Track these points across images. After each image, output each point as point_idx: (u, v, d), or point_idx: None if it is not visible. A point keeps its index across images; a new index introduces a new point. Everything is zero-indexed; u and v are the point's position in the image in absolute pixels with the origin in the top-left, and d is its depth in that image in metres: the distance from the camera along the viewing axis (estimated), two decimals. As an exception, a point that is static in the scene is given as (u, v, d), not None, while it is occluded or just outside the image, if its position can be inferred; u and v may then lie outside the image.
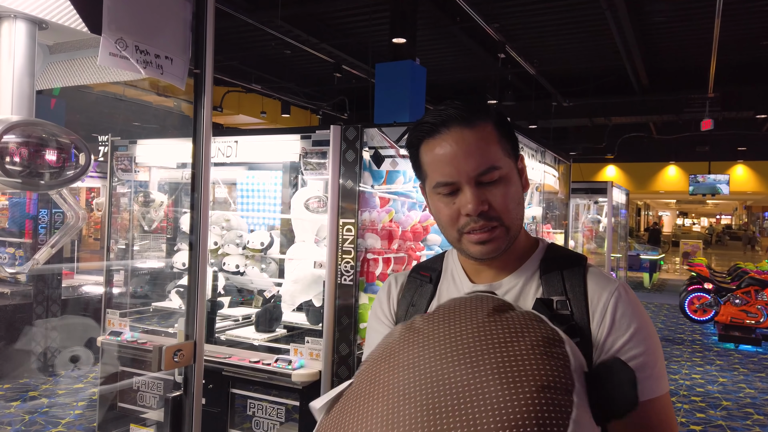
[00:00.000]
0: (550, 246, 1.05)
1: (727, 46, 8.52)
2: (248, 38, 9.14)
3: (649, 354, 0.89)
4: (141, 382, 3.67)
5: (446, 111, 0.94)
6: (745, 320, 7.54)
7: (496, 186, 0.93)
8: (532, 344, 0.71)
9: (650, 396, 0.88)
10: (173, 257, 4.00)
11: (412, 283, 1.11)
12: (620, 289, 0.94)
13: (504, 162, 0.95)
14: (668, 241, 28.08)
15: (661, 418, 0.89)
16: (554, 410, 0.64)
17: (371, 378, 0.74)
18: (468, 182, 0.93)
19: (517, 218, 0.97)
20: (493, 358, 0.69)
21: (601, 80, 10.67)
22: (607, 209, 7.59)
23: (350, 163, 3.09)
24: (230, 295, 4.07)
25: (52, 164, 1.12)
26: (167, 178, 4.25)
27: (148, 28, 1.15)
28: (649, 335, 0.91)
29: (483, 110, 0.95)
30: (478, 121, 0.94)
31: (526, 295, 0.98)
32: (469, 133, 0.93)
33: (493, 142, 0.94)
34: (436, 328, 0.76)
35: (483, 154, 0.93)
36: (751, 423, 4.63)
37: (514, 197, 0.96)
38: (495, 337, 0.71)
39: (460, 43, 9.01)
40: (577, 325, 0.92)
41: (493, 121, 0.96)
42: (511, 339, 0.71)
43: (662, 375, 0.91)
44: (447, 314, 0.79)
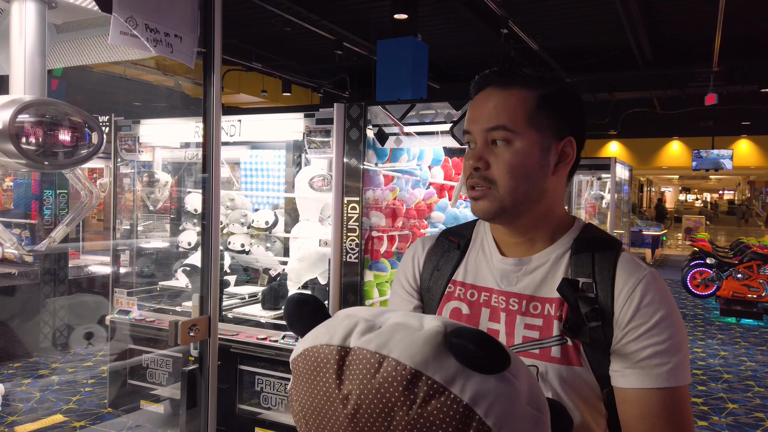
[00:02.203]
0: (586, 226, 1.03)
1: (732, 19, 8.41)
2: (248, 16, 9.04)
3: (673, 342, 0.88)
4: (150, 359, 3.73)
5: (490, 72, 0.97)
6: (746, 294, 7.58)
7: (503, 149, 0.94)
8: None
9: (668, 384, 0.87)
10: (179, 236, 4.02)
11: (440, 247, 1.11)
12: (649, 276, 0.92)
13: (522, 129, 0.93)
14: (671, 217, 28.13)
15: (678, 409, 0.87)
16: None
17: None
18: (478, 135, 0.96)
19: (519, 190, 0.94)
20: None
21: (604, 55, 10.56)
22: (610, 185, 7.59)
23: (354, 141, 3.09)
24: (236, 274, 4.10)
25: (66, 144, 1.13)
26: (170, 158, 4.26)
27: (157, 6, 1.15)
28: (674, 324, 0.89)
29: (528, 78, 0.95)
30: (515, 86, 0.95)
31: (555, 273, 0.97)
32: (498, 93, 0.95)
33: (519, 108, 0.93)
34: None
35: (498, 114, 0.93)
36: (752, 395, 4.69)
37: (518, 168, 0.93)
38: None
39: (463, 18, 8.90)
40: (600, 308, 0.91)
41: (539, 92, 0.94)
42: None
43: (684, 366, 0.88)
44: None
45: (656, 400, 0.87)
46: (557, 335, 0.93)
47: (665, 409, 0.87)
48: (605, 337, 0.90)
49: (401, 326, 0.61)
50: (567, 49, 10.60)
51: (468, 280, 1.06)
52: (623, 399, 0.90)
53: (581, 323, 0.89)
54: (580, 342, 0.92)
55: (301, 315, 0.71)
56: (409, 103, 3.09)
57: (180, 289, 3.96)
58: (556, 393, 0.92)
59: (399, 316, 0.63)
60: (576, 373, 0.91)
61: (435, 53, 8.75)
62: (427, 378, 0.56)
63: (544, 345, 0.94)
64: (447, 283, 1.07)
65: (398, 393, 0.56)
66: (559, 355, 0.93)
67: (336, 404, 0.60)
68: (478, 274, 1.05)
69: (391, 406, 0.56)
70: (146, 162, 4.11)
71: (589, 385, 0.92)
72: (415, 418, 0.55)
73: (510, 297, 1.00)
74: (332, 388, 0.60)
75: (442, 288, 1.07)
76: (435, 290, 1.08)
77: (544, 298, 0.97)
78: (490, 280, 1.03)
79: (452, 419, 0.55)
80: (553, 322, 0.94)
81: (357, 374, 0.59)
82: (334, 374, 0.60)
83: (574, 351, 0.92)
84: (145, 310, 3.80)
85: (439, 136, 3.12)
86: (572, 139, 0.98)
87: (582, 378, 0.92)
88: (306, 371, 0.64)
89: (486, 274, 1.04)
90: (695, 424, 4.06)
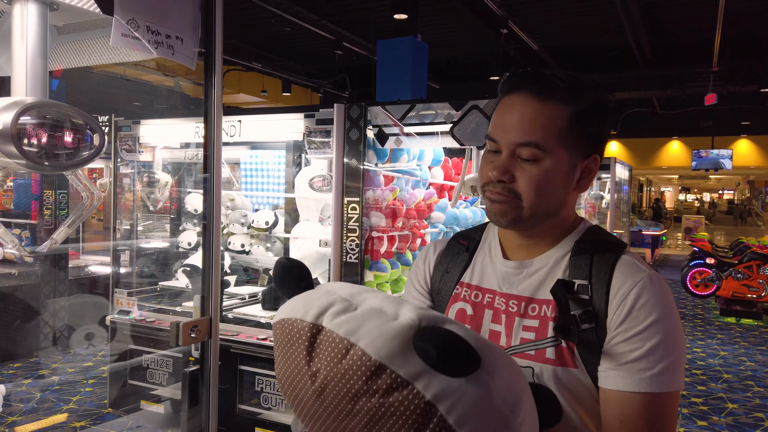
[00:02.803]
0: (591, 228, 1.02)
1: (732, 19, 8.42)
2: (248, 16, 9.05)
3: (665, 347, 0.86)
4: (150, 359, 3.73)
5: (527, 74, 0.94)
6: (746, 294, 7.59)
7: (531, 165, 0.92)
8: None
9: (650, 390, 0.85)
10: (179, 237, 4.03)
11: (450, 249, 1.12)
12: (645, 279, 0.90)
13: (553, 148, 0.91)
14: (670, 217, 28.15)
15: (661, 415, 0.86)
16: None
17: None
18: (506, 147, 0.94)
19: (542, 206, 0.94)
20: None
21: (604, 55, 10.56)
22: (610, 185, 7.59)
23: (354, 142, 3.10)
24: (236, 274, 4.11)
25: (68, 145, 1.14)
26: (170, 158, 4.26)
27: (158, 8, 1.16)
28: (667, 329, 0.87)
29: (567, 91, 0.91)
30: (551, 100, 0.91)
31: (553, 275, 0.97)
32: (533, 104, 0.92)
33: (553, 126, 0.91)
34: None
35: (531, 129, 0.91)
36: (752, 395, 4.70)
37: (544, 186, 0.92)
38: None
39: (463, 18, 8.91)
40: (594, 310, 0.90)
41: (574, 109, 0.91)
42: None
43: (675, 371, 0.86)
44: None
45: (636, 404, 0.85)
46: (551, 337, 0.93)
47: (645, 414, 0.85)
48: (598, 339, 0.90)
49: (375, 312, 0.61)
50: (567, 49, 10.61)
51: (474, 282, 1.07)
52: (605, 399, 0.89)
53: (570, 324, 0.89)
54: (573, 344, 0.92)
55: (285, 280, 0.73)
56: (409, 104, 3.09)
57: (180, 290, 3.96)
58: None
59: (377, 300, 0.64)
60: (571, 374, 0.91)
61: (435, 53, 8.74)
62: (391, 371, 0.56)
63: (539, 346, 0.94)
64: (455, 284, 1.08)
65: (362, 382, 0.57)
66: (553, 356, 0.93)
67: (305, 378, 0.62)
68: (483, 277, 1.06)
69: (354, 392, 0.58)
70: (146, 162, 4.11)
71: (585, 387, 0.92)
72: (377, 406, 0.57)
73: (510, 299, 1.00)
74: (302, 363, 0.62)
75: (451, 290, 1.08)
76: (444, 292, 1.09)
77: (542, 300, 0.97)
78: (493, 282, 1.04)
79: (412, 413, 0.56)
80: (549, 323, 0.95)
81: (325, 356, 0.60)
82: (305, 350, 0.62)
83: (568, 352, 0.92)
84: (146, 310, 3.80)
85: (439, 137, 3.12)
86: (597, 156, 0.97)
87: (578, 379, 0.92)
88: (282, 340, 0.66)
89: (490, 276, 1.05)
90: (695, 424, 4.07)
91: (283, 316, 0.67)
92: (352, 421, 0.59)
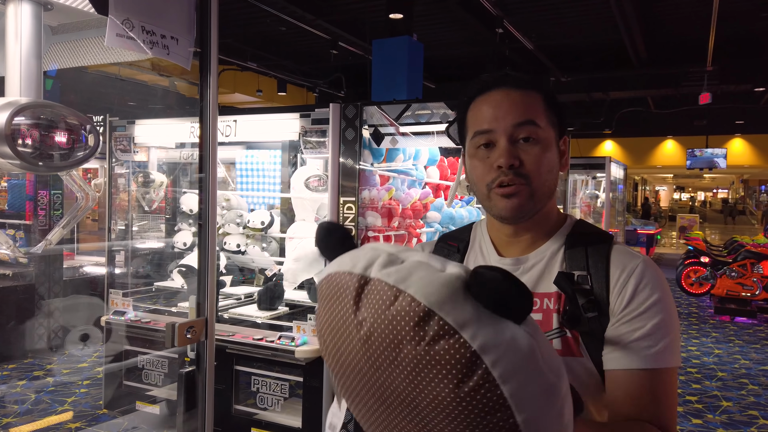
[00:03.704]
0: (578, 222, 1.06)
1: (726, 19, 8.45)
2: (243, 15, 9.02)
3: (666, 326, 0.90)
4: (146, 360, 3.72)
5: (498, 75, 1.00)
6: (740, 293, 7.62)
7: (531, 145, 0.96)
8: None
9: (660, 365, 0.89)
10: (174, 237, 4.02)
11: (440, 252, 1.12)
12: (642, 265, 0.95)
13: (545, 125, 0.97)
14: (665, 216, 28.28)
15: (666, 390, 0.90)
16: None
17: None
18: (504, 133, 0.96)
19: (546, 185, 0.97)
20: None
21: (599, 54, 10.58)
22: (605, 184, 7.61)
23: (350, 142, 3.09)
24: (232, 275, 4.10)
25: (62, 146, 1.13)
26: (166, 158, 4.25)
27: (153, 8, 1.15)
28: (666, 309, 0.92)
29: (534, 81, 1.00)
30: (527, 87, 0.99)
31: (551, 268, 1.00)
32: (515, 93, 0.97)
33: (537, 105, 0.98)
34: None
35: (524, 110, 0.96)
36: (746, 393, 4.72)
37: (547, 163, 0.97)
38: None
39: (458, 18, 8.91)
40: (596, 299, 0.93)
41: (543, 94, 1.00)
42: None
43: (675, 349, 0.91)
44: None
45: (644, 381, 0.88)
46: (557, 328, 0.96)
47: (651, 390, 0.88)
48: (601, 326, 0.93)
49: (423, 265, 0.62)
50: (562, 49, 10.62)
51: None
52: (613, 380, 0.91)
53: (579, 313, 0.91)
54: (578, 333, 0.94)
55: (329, 243, 0.75)
56: (405, 103, 3.09)
57: (175, 290, 3.95)
58: None
59: (423, 256, 0.65)
60: (578, 363, 0.94)
61: (430, 53, 8.75)
62: (439, 318, 0.57)
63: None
64: None
65: (408, 328, 0.57)
66: (560, 347, 0.95)
67: (351, 328, 0.63)
68: None
69: (400, 339, 0.58)
70: (141, 162, 4.10)
71: (591, 375, 0.94)
72: (422, 354, 0.57)
73: None
74: (349, 313, 0.63)
75: None
76: None
77: (543, 293, 0.99)
78: None
79: (457, 363, 0.56)
80: (553, 315, 0.97)
81: (373, 303, 0.61)
82: (352, 300, 0.63)
83: (573, 342, 0.94)
84: (141, 310, 3.79)
85: (434, 136, 3.13)
86: (566, 138, 1.04)
87: (584, 367, 0.94)
88: (328, 294, 0.68)
89: None
90: (689, 422, 4.09)
91: (330, 271, 0.69)
92: (395, 370, 0.59)
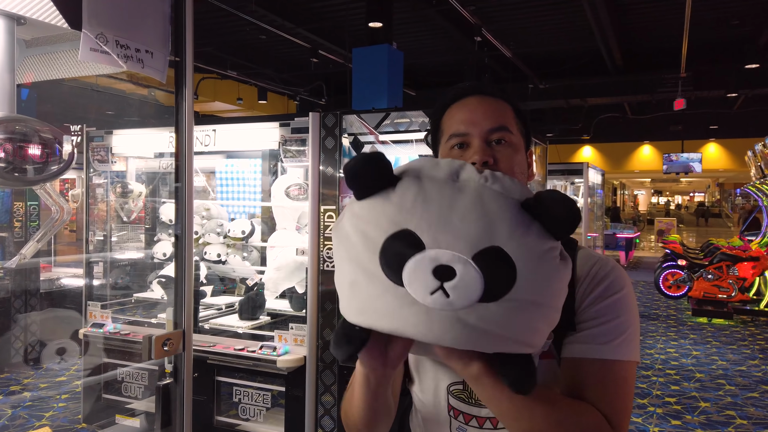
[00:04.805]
0: None
1: (699, 26, 8.65)
2: (222, 24, 9.00)
3: (627, 320, 0.94)
4: (125, 373, 3.67)
5: (473, 84, 1.05)
6: (717, 295, 7.76)
7: (504, 147, 1.00)
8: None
9: (621, 357, 0.91)
10: (153, 247, 3.98)
11: None
12: (605, 262, 0.99)
13: (515, 132, 1.02)
14: (644, 220, 28.72)
15: (619, 382, 0.91)
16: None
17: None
18: (479, 136, 0.99)
19: None
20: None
21: (576, 62, 10.76)
22: (584, 190, 7.70)
23: (330, 150, 3.10)
24: (212, 284, 4.07)
25: (36, 159, 1.12)
26: (144, 168, 4.21)
27: (127, 22, 1.16)
28: (631, 303, 0.96)
29: (506, 93, 1.06)
30: (499, 97, 1.04)
31: None
32: (489, 100, 1.03)
33: (509, 115, 1.03)
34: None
35: (498, 116, 1.01)
36: (723, 393, 4.80)
37: (520, 164, 1.01)
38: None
39: (437, 26, 8.99)
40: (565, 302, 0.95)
41: (513, 106, 1.05)
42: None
43: (633, 343, 0.93)
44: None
45: (596, 370, 0.90)
46: None
47: (602, 379, 0.90)
48: (569, 324, 0.95)
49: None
50: (540, 56, 10.77)
51: None
52: (566, 368, 0.93)
53: None
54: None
55: (369, 174, 0.78)
56: (384, 112, 3.11)
57: (155, 301, 3.92)
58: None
59: None
60: (552, 365, 0.95)
61: (410, 61, 8.80)
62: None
63: None
64: None
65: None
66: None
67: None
68: None
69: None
70: (120, 172, 4.06)
71: (557, 377, 0.95)
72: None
73: None
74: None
75: None
76: None
77: None
78: None
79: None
80: None
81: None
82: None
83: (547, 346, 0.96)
84: (120, 322, 3.74)
85: (414, 144, 3.15)
86: (531, 150, 1.08)
87: (555, 368, 0.95)
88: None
89: None
90: (669, 423, 4.15)
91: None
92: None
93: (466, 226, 0.71)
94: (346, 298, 0.79)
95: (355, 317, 0.77)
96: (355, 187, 0.79)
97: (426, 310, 0.70)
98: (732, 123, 15.06)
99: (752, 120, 13.86)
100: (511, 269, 0.70)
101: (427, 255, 0.70)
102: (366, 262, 0.74)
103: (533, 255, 0.72)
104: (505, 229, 0.71)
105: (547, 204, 0.74)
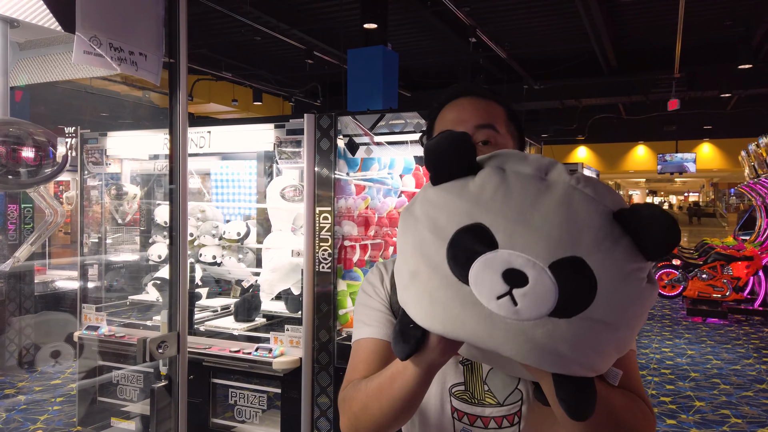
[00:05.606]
0: None
1: (692, 27, 8.70)
2: (217, 25, 8.99)
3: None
4: (120, 375, 3.66)
5: (466, 85, 1.06)
6: (711, 294, 7.79)
7: (489, 148, 0.99)
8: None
9: (633, 346, 0.90)
10: (148, 249, 3.97)
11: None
12: None
13: (504, 133, 1.02)
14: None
15: (637, 368, 0.94)
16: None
17: None
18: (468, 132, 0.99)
19: None
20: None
21: (571, 62, 10.79)
22: (579, 190, 7.71)
23: (325, 152, 3.10)
24: (208, 286, 4.06)
25: (30, 162, 1.12)
26: (139, 170, 4.20)
27: (121, 25, 1.16)
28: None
29: (499, 95, 1.07)
30: (492, 98, 1.05)
31: None
32: (480, 101, 1.03)
33: (499, 115, 1.03)
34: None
35: (486, 115, 1.01)
36: (718, 392, 4.82)
37: None
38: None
39: (432, 27, 9.01)
40: None
41: (505, 107, 1.06)
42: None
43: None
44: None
45: (626, 358, 0.89)
46: None
47: (632, 368, 0.91)
48: None
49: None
50: (534, 57, 10.81)
51: None
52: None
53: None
54: None
55: (452, 154, 0.73)
56: (379, 113, 3.12)
57: (150, 303, 3.90)
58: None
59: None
60: None
61: (405, 62, 8.83)
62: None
63: None
64: None
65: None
66: None
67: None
68: None
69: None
70: (114, 174, 4.05)
71: None
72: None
73: None
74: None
75: None
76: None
77: None
78: None
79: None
80: None
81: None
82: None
83: None
84: (115, 325, 3.73)
85: (409, 146, 3.16)
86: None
87: None
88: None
89: None
90: (664, 423, 4.16)
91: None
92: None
93: (547, 229, 0.64)
94: (404, 289, 0.74)
95: (412, 311, 0.73)
96: (433, 168, 0.74)
97: (488, 314, 0.65)
98: (726, 123, 15.14)
99: (746, 120, 13.94)
100: (591, 286, 0.64)
101: (499, 255, 0.64)
102: (432, 253, 0.69)
103: (618, 273, 0.65)
104: (591, 239, 0.64)
105: (644, 218, 0.66)
